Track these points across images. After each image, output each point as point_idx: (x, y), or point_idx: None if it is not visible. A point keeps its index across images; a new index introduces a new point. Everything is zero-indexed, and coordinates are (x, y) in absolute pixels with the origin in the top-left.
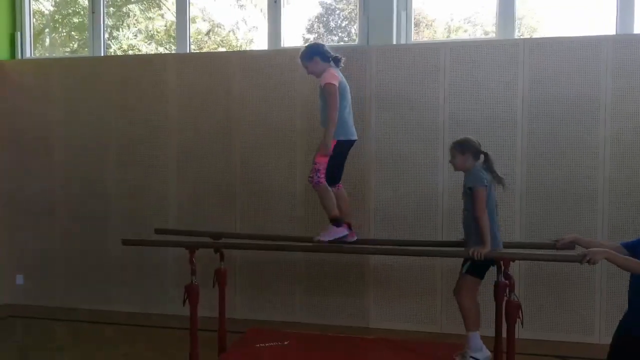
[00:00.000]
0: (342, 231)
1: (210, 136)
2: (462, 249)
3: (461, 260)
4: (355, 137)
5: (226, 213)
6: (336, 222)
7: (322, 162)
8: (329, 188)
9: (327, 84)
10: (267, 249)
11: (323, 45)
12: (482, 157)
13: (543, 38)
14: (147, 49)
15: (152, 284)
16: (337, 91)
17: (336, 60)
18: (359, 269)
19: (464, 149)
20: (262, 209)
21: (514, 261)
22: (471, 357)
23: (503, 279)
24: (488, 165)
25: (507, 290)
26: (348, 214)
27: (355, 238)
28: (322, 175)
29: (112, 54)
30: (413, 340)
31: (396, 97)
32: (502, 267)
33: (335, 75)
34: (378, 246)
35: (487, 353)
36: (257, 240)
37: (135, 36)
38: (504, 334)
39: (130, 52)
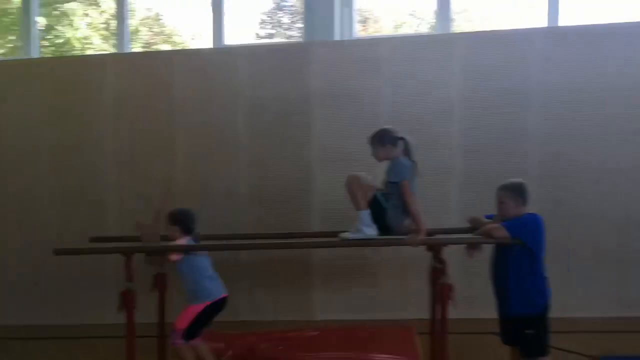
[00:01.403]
0: None
1: (150, 137)
2: (397, 236)
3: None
4: (225, 294)
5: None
6: None
7: (180, 331)
8: (188, 347)
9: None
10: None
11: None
12: (401, 143)
13: (477, 32)
14: (94, 46)
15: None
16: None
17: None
18: (305, 265)
19: (383, 140)
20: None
21: (446, 246)
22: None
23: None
24: (408, 151)
25: (441, 274)
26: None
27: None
28: (179, 339)
29: (60, 52)
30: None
31: (338, 93)
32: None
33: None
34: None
35: (376, 231)
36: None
37: (77, 30)
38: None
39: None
